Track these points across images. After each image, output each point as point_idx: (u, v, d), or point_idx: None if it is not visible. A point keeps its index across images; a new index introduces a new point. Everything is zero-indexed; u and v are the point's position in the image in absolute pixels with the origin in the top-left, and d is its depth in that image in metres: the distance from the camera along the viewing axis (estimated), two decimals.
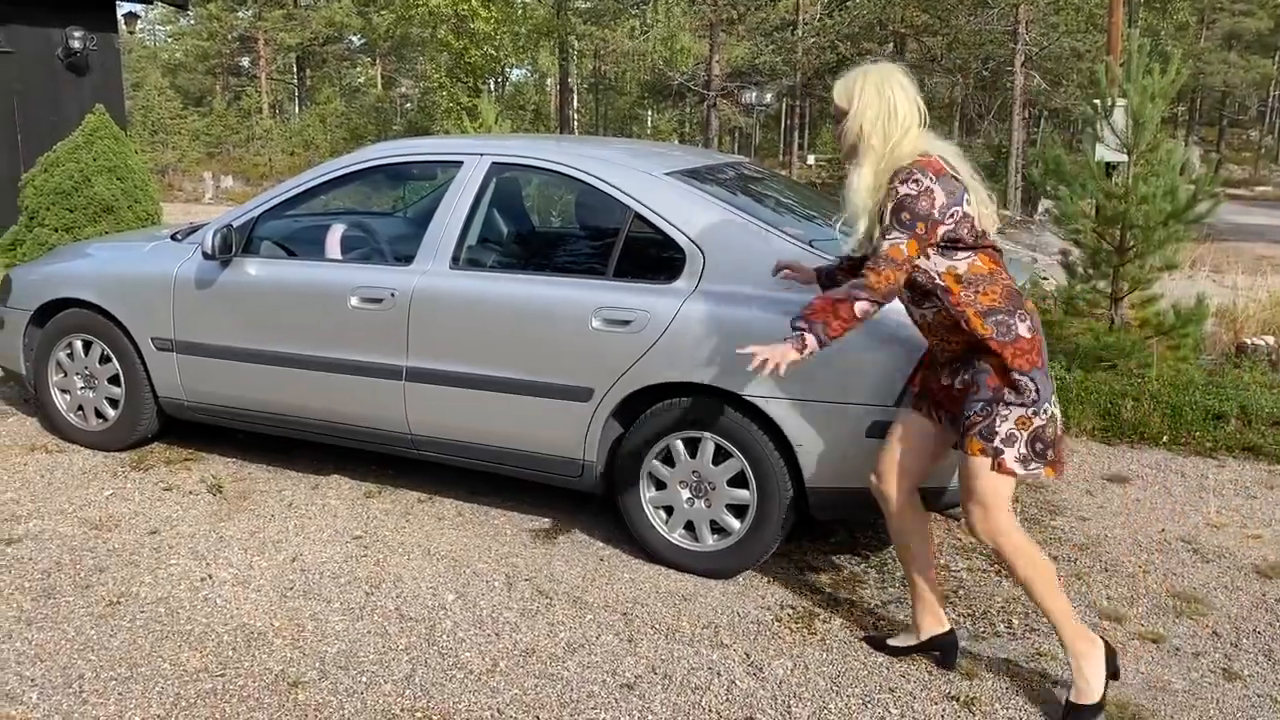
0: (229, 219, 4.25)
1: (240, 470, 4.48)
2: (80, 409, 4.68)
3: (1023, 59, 21.54)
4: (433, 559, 3.64)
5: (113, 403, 4.59)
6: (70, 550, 3.63)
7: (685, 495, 3.51)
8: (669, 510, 3.57)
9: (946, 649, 2.98)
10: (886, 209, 2.62)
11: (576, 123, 31.80)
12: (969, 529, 2.79)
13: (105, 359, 4.55)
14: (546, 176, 4.01)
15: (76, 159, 7.74)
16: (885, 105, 2.66)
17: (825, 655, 3.04)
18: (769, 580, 3.51)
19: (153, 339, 4.38)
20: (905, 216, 2.59)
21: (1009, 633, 3.21)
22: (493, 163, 3.96)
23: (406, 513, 4.05)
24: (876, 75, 2.71)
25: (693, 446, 3.48)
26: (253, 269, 4.17)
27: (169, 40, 48.28)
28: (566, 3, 25.49)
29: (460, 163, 4.01)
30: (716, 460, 3.44)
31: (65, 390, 4.69)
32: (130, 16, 19.51)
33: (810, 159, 39.54)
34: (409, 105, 41.82)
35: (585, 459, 3.66)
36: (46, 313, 4.66)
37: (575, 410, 3.61)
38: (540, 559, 3.66)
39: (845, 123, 2.73)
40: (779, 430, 3.31)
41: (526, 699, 2.79)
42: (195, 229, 4.54)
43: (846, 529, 3.91)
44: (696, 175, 3.82)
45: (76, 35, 11.18)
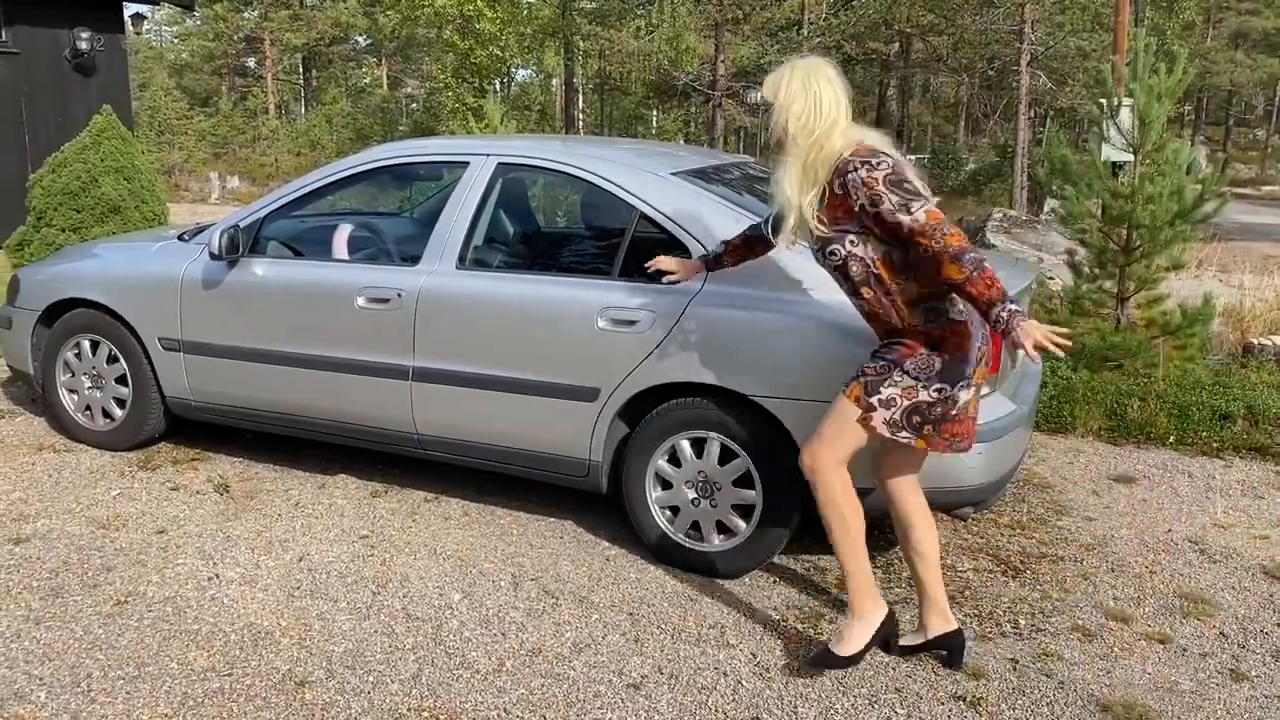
0: (236, 219, 4.26)
1: (247, 470, 4.49)
2: (88, 409, 4.69)
3: (1028, 58, 21.49)
4: (439, 559, 3.64)
5: (120, 402, 4.61)
6: (78, 550, 3.65)
7: (691, 495, 3.51)
8: (675, 510, 3.57)
9: (954, 648, 2.98)
10: (879, 195, 2.62)
11: (582, 123, 31.82)
12: (800, 457, 2.86)
13: (112, 359, 4.56)
14: (552, 177, 4.01)
15: (84, 159, 7.76)
16: (811, 99, 2.71)
17: None
18: (775, 580, 3.51)
19: (160, 339, 4.39)
20: (907, 186, 2.64)
21: (1015, 633, 3.20)
22: (499, 163, 3.97)
23: (413, 512, 4.05)
24: (804, 69, 2.76)
25: (699, 447, 3.48)
26: (259, 269, 4.19)
27: (175, 41, 48.46)
28: (572, 3, 25.48)
29: (466, 163, 4.01)
30: (722, 460, 3.44)
31: (73, 390, 4.71)
32: (137, 17, 19.60)
33: None
34: (414, 106, 41.90)
35: (591, 459, 3.66)
36: (54, 313, 4.68)
37: (581, 410, 3.61)
38: (546, 559, 3.66)
39: (773, 115, 2.78)
40: (785, 430, 3.31)
41: (533, 698, 2.80)
42: (202, 229, 4.55)
43: None
44: (702, 175, 3.83)
45: (84, 36, 11.24)
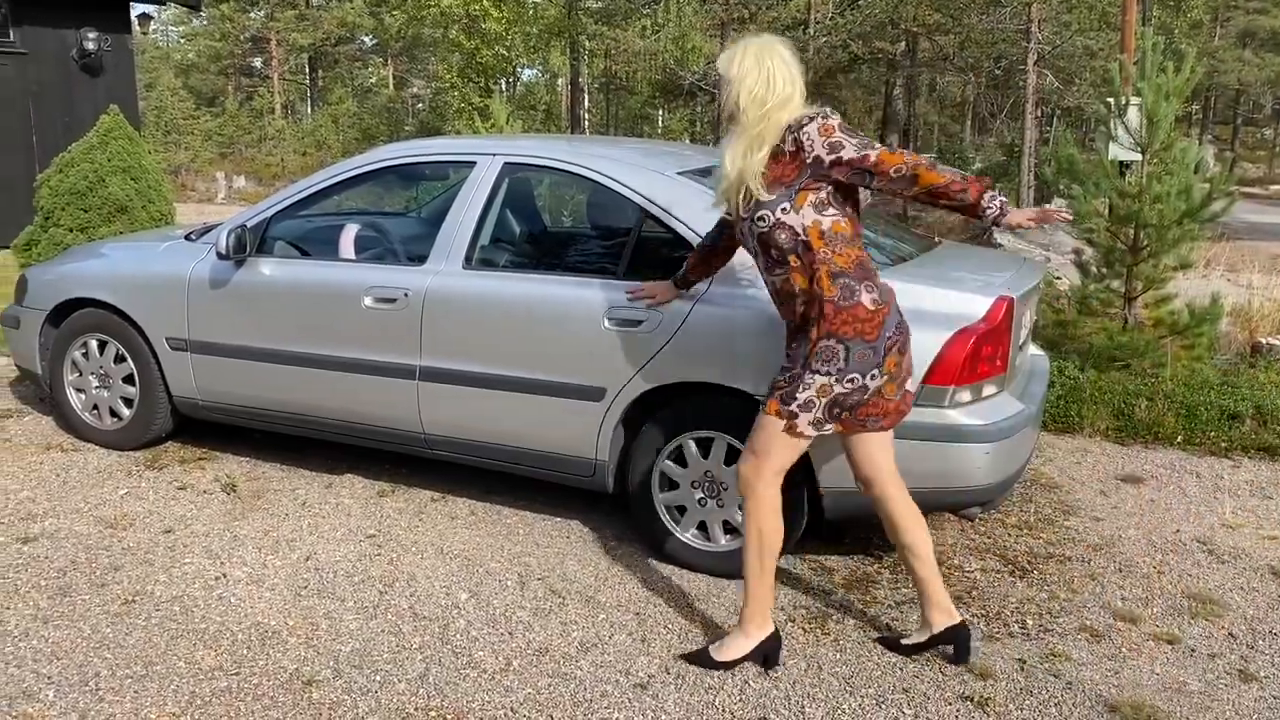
0: (243, 219, 4.27)
1: (254, 469, 4.50)
2: (95, 408, 4.70)
3: (1035, 57, 21.40)
4: (446, 558, 3.64)
5: (127, 402, 4.62)
6: (86, 549, 3.66)
7: (698, 495, 3.51)
8: (681, 510, 3.56)
9: (959, 641, 2.98)
10: (839, 141, 2.69)
11: (587, 122, 31.81)
12: (739, 470, 2.90)
13: (120, 358, 4.57)
14: (559, 176, 4.02)
15: (91, 159, 7.77)
16: (763, 75, 2.75)
17: (839, 655, 3.04)
18: (782, 581, 3.51)
19: (167, 338, 4.40)
20: (853, 139, 2.71)
21: (1023, 633, 3.19)
22: (505, 163, 3.96)
23: (420, 512, 4.06)
24: (758, 47, 2.80)
25: (705, 447, 3.48)
26: (267, 269, 4.19)
27: (182, 41, 48.55)
28: (578, 3, 25.49)
29: (473, 163, 4.01)
30: (729, 460, 3.43)
31: (80, 389, 4.72)
32: (144, 18, 19.67)
33: None
34: (421, 105, 41.92)
35: (597, 459, 3.66)
36: (62, 312, 4.70)
37: (587, 410, 3.61)
38: (553, 558, 3.66)
39: (726, 90, 2.81)
40: None
41: (540, 698, 2.80)
42: (209, 229, 4.56)
43: (860, 530, 3.89)
44: (709, 174, 3.81)
45: (91, 36, 11.27)
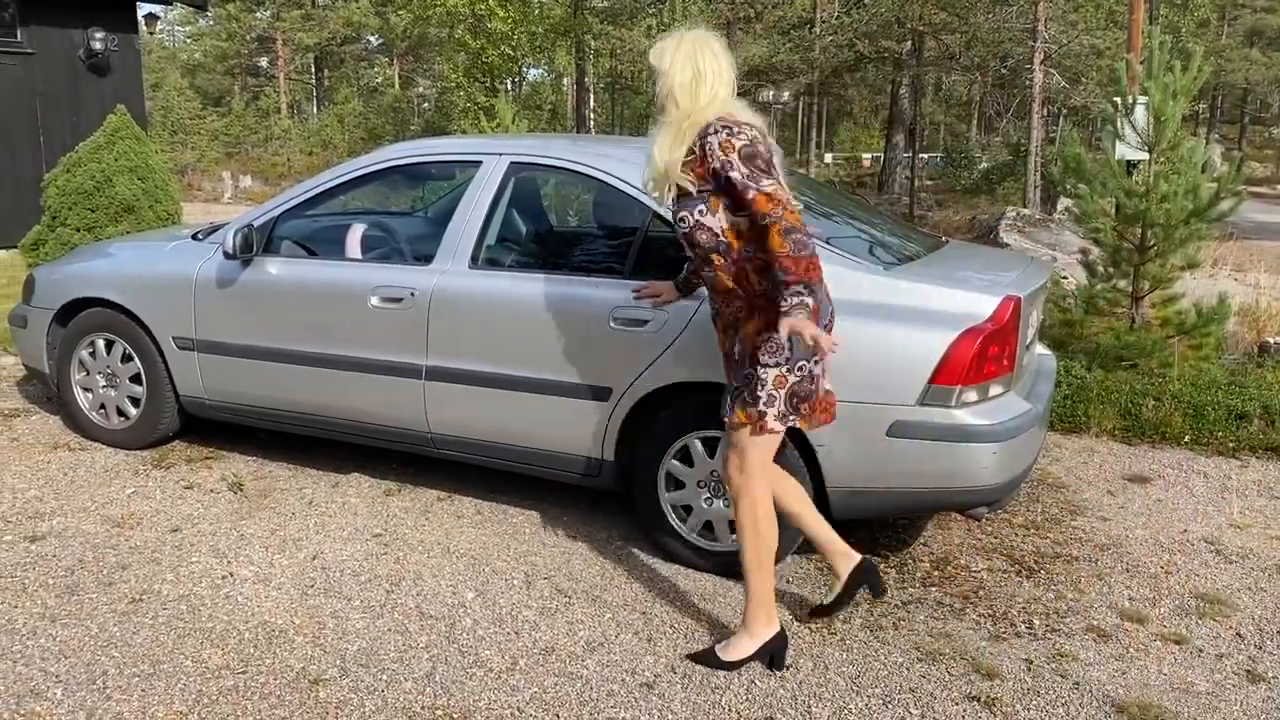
0: (249, 219, 4.27)
1: (261, 468, 4.50)
2: (102, 407, 4.72)
3: (1042, 56, 21.36)
4: (452, 557, 3.65)
5: (134, 401, 4.63)
6: (93, 548, 3.67)
7: (704, 495, 3.51)
8: (687, 510, 3.56)
9: (867, 575, 3.15)
10: (729, 163, 2.65)
11: (593, 122, 31.79)
12: (724, 474, 2.95)
13: (127, 358, 4.58)
14: (565, 176, 4.02)
15: (98, 159, 7.78)
16: (694, 69, 2.75)
17: (845, 655, 3.03)
18: (789, 580, 3.50)
19: (174, 338, 4.41)
20: (759, 163, 2.67)
21: (1030, 633, 3.19)
22: (511, 162, 3.97)
23: (426, 511, 4.06)
24: (690, 40, 2.80)
25: (711, 446, 3.47)
26: (273, 268, 4.20)
27: (188, 41, 48.67)
28: (583, 2, 25.48)
29: (479, 162, 4.02)
30: None
31: (87, 389, 4.73)
32: (150, 18, 19.69)
33: (828, 157, 39.43)
34: (426, 105, 41.97)
35: (604, 458, 3.66)
36: (69, 312, 4.71)
37: (593, 409, 3.61)
38: (559, 557, 3.66)
39: (658, 82, 2.81)
40: (799, 431, 3.30)
41: (546, 697, 2.80)
42: (216, 229, 4.57)
43: (867, 529, 3.89)
44: None
45: (98, 36, 11.30)
